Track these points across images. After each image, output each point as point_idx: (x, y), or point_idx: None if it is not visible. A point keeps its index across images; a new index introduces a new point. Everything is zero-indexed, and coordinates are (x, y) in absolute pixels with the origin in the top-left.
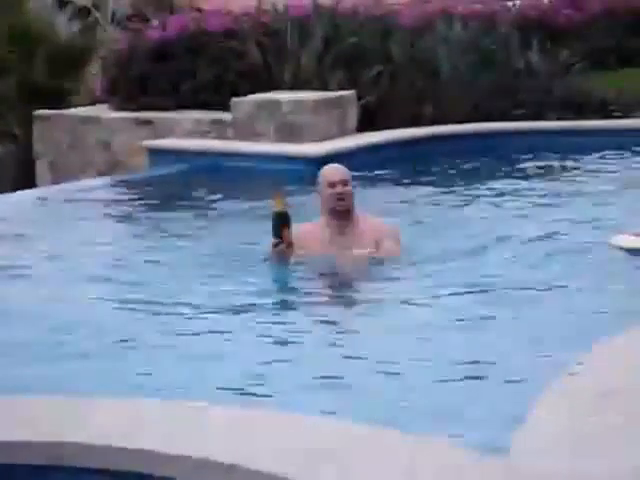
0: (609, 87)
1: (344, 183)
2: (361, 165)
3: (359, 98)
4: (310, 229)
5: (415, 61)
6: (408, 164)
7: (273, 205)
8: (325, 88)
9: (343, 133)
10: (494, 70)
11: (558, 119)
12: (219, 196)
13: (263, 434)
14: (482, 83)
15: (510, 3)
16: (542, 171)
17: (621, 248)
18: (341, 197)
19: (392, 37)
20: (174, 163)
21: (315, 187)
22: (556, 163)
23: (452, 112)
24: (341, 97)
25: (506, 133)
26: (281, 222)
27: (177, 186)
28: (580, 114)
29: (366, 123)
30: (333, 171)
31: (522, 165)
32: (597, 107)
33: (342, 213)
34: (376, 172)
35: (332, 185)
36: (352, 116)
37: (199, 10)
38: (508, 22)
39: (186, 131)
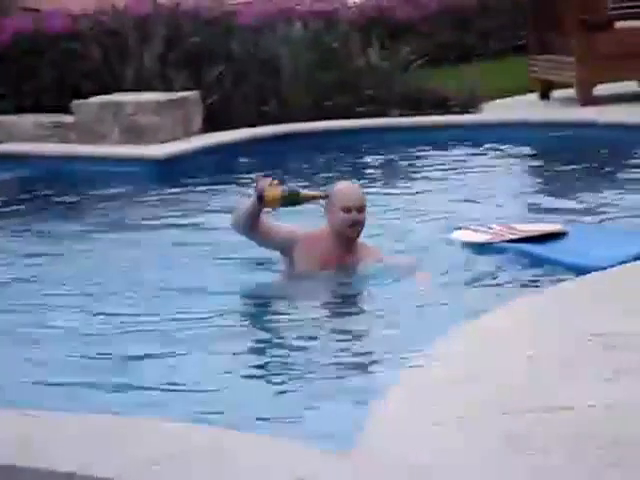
0: (448, 83)
1: (360, 210)
2: (206, 166)
3: (203, 98)
4: (317, 240)
5: (257, 60)
6: (253, 163)
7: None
8: (169, 89)
9: (188, 134)
10: (336, 68)
11: (400, 115)
12: (61, 200)
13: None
14: (324, 81)
15: (350, 2)
16: (385, 166)
17: (462, 242)
18: (356, 224)
19: (234, 36)
20: (14, 168)
21: (325, 201)
22: (397, 158)
23: (295, 110)
24: (185, 98)
25: (350, 130)
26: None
27: (16, 192)
28: (420, 110)
29: (211, 123)
30: (351, 195)
31: (365, 161)
32: (437, 103)
33: (351, 239)
34: (222, 172)
35: (348, 210)
36: (197, 117)
37: (37, 10)
38: (348, 20)
39: (26, 135)
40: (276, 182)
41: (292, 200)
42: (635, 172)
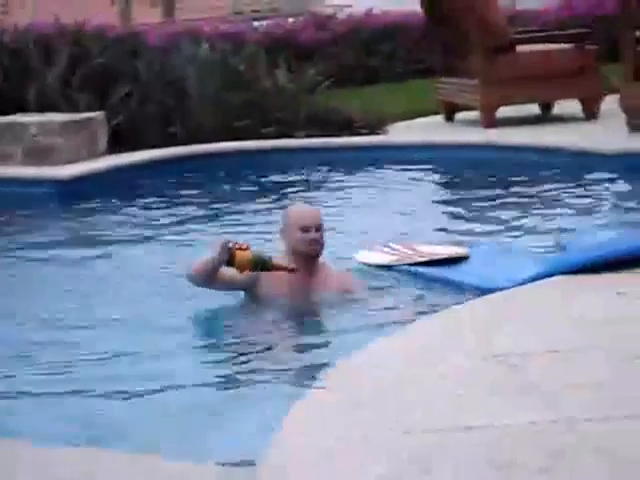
0: (354, 105)
1: (318, 229)
2: (112, 187)
3: (109, 119)
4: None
5: (164, 81)
6: (158, 184)
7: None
8: (73, 109)
9: (93, 155)
10: (243, 89)
11: (306, 137)
12: None
13: None
14: (231, 102)
15: (257, 24)
16: (291, 187)
17: (366, 263)
18: (314, 243)
19: (140, 57)
20: None
21: (280, 227)
22: (304, 179)
23: (202, 131)
24: (90, 118)
25: (257, 151)
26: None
27: None
28: (327, 131)
29: (117, 144)
30: (307, 215)
31: (272, 182)
32: (343, 124)
33: (313, 258)
34: (126, 194)
35: (306, 230)
36: (102, 137)
37: None
38: (255, 41)
39: None
40: (245, 245)
41: (262, 266)
42: (534, 193)
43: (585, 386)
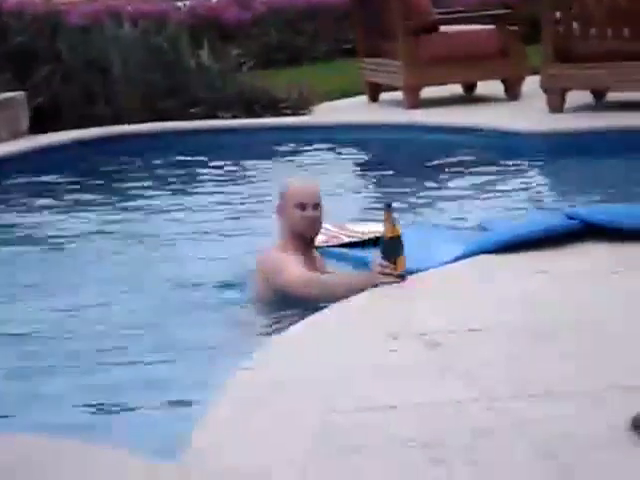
0: (279, 85)
1: (315, 207)
2: (34, 169)
3: (30, 99)
4: (282, 254)
5: (86, 60)
6: (81, 165)
7: (383, 228)
8: None
9: (14, 136)
10: (166, 69)
11: (231, 117)
12: None
13: None
14: (155, 82)
15: (180, 3)
16: (215, 169)
17: None
18: (313, 222)
19: (61, 36)
20: None
21: (276, 207)
22: (228, 161)
23: (126, 112)
24: (10, 99)
25: (181, 132)
26: (395, 250)
27: None
28: (251, 112)
29: (38, 125)
30: (305, 191)
31: (196, 163)
32: (268, 105)
33: (311, 239)
34: (48, 175)
35: (303, 207)
36: (23, 118)
37: None
38: (178, 21)
39: None
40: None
41: (400, 244)
42: (457, 174)
43: (504, 364)
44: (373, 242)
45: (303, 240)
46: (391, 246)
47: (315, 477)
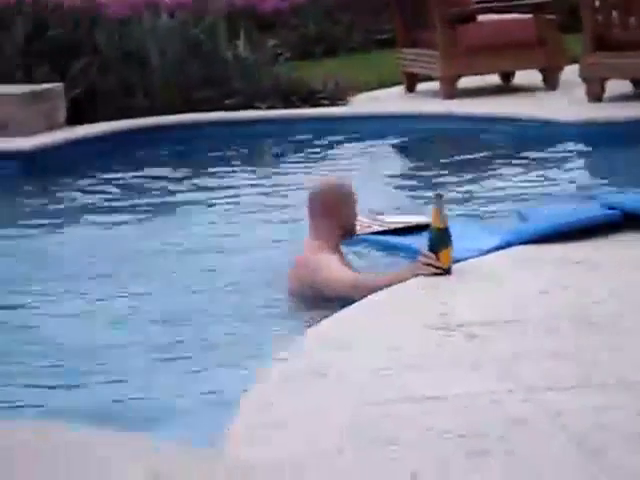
0: (316, 76)
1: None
2: (72, 159)
3: (68, 91)
4: (326, 255)
5: (123, 52)
6: (119, 157)
7: (431, 220)
8: (31, 81)
9: (52, 127)
10: (203, 60)
11: (268, 108)
12: None
13: None
14: (192, 73)
15: None
16: (255, 159)
17: None
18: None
19: (99, 28)
20: None
21: (318, 202)
22: (267, 151)
23: (163, 103)
24: (49, 90)
25: (219, 123)
26: (443, 242)
27: None
28: (288, 103)
29: (76, 116)
30: (353, 189)
31: (236, 154)
32: (305, 96)
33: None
34: (86, 166)
35: (355, 203)
36: (61, 109)
37: None
38: (215, 12)
39: None
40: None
41: (448, 236)
42: (495, 164)
43: (540, 355)
44: (409, 230)
45: (345, 237)
46: (439, 238)
47: (349, 468)
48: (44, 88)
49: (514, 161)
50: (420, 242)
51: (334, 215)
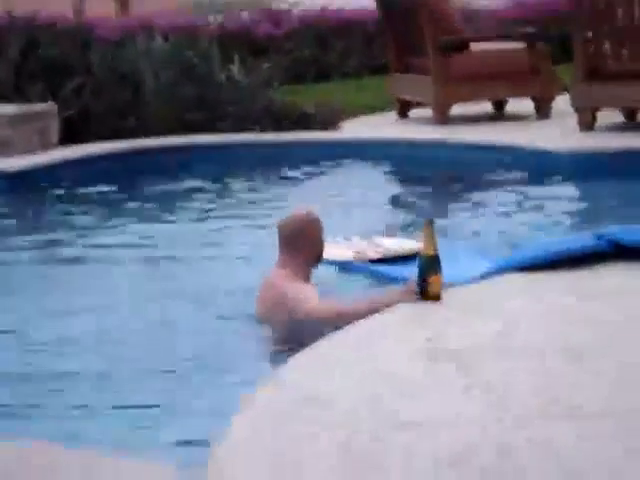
0: (308, 100)
1: None
2: (63, 180)
3: (60, 111)
4: (302, 285)
5: (117, 73)
6: (110, 178)
7: (421, 246)
8: (25, 101)
9: (45, 147)
10: (197, 83)
11: (260, 131)
12: None
13: None
14: (185, 96)
15: (211, 18)
16: (247, 182)
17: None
18: None
19: (92, 49)
20: None
21: (284, 233)
22: (259, 174)
23: (155, 125)
24: (42, 110)
25: (212, 146)
26: (432, 269)
27: None
28: (281, 127)
29: (69, 137)
30: (317, 216)
31: (227, 176)
32: (297, 120)
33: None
34: (77, 187)
35: (321, 231)
36: (53, 130)
37: None
38: (209, 36)
39: None
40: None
41: (437, 263)
42: (486, 192)
43: (531, 382)
44: (395, 259)
45: (314, 265)
46: (430, 264)
47: None
48: (37, 108)
49: (505, 189)
50: (411, 270)
51: (304, 245)
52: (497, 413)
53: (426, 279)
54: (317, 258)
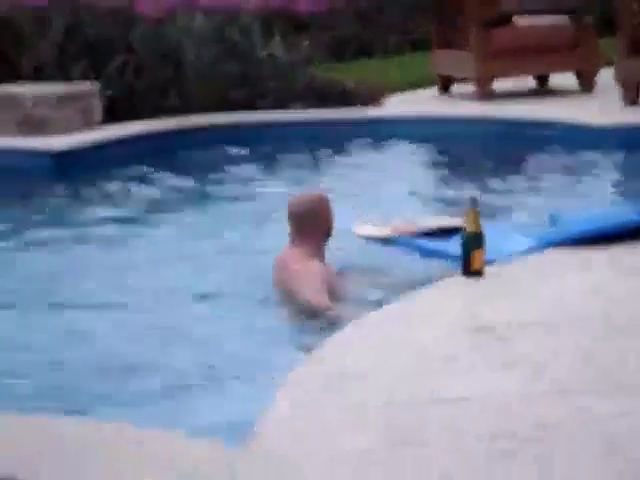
0: (350, 77)
1: None
2: (107, 159)
3: (103, 90)
4: (324, 269)
5: (159, 52)
6: (153, 156)
7: (465, 223)
8: (68, 80)
9: (88, 126)
10: (238, 60)
11: (302, 109)
12: None
13: None
14: (226, 73)
15: None
16: (288, 161)
17: (364, 236)
18: None
19: (134, 27)
20: None
21: (296, 214)
22: (301, 152)
23: (197, 103)
24: (85, 89)
25: (253, 124)
26: (475, 245)
27: None
28: (322, 104)
29: (112, 115)
30: (325, 194)
31: (268, 155)
32: (339, 97)
33: None
34: (121, 166)
35: (330, 209)
36: (97, 108)
37: None
38: (250, 13)
39: None
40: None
41: (480, 239)
42: (529, 167)
43: (574, 357)
44: (442, 233)
45: (326, 240)
46: (473, 240)
47: (380, 469)
48: (80, 87)
49: (547, 164)
50: (454, 245)
51: (317, 224)
52: (539, 387)
53: (469, 255)
54: (328, 235)
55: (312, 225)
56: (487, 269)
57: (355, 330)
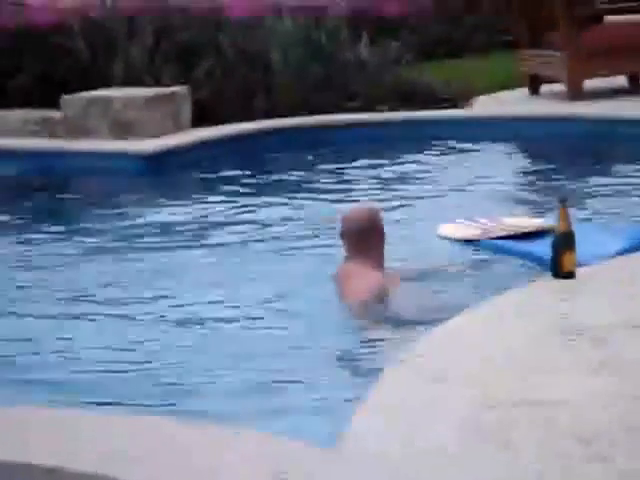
0: (438, 78)
1: None
2: (197, 161)
3: (192, 93)
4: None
5: (246, 55)
6: (241, 159)
7: (555, 223)
8: (157, 84)
9: (178, 129)
10: (325, 63)
11: (389, 111)
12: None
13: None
14: (313, 76)
15: None
16: (375, 162)
17: (448, 238)
18: None
19: (223, 31)
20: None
21: (351, 230)
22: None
23: (284, 105)
24: (174, 93)
25: (339, 125)
26: (566, 246)
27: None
28: (409, 105)
29: (200, 118)
30: (377, 208)
31: (355, 156)
32: (427, 98)
33: None
34: (212, 168)
35: (381, 220)
36: (186, 111)
37: (22, 5)
38: (337, 15)
39: (13, 130)
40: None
41: (571, 240)
42: (621, 167)
43: None
44: (524, 236)
45: (382, 249)
46: (563, 241)
47: (468, 469)
48: (170, 91)
49: (639, 165)
50: (540, 247)
51: (372, 237)
52: (631, 391)
53: (560, 256)
54: (382, 245)
55: (367, 239)
56: (580, 271)
57: (447, 331)
